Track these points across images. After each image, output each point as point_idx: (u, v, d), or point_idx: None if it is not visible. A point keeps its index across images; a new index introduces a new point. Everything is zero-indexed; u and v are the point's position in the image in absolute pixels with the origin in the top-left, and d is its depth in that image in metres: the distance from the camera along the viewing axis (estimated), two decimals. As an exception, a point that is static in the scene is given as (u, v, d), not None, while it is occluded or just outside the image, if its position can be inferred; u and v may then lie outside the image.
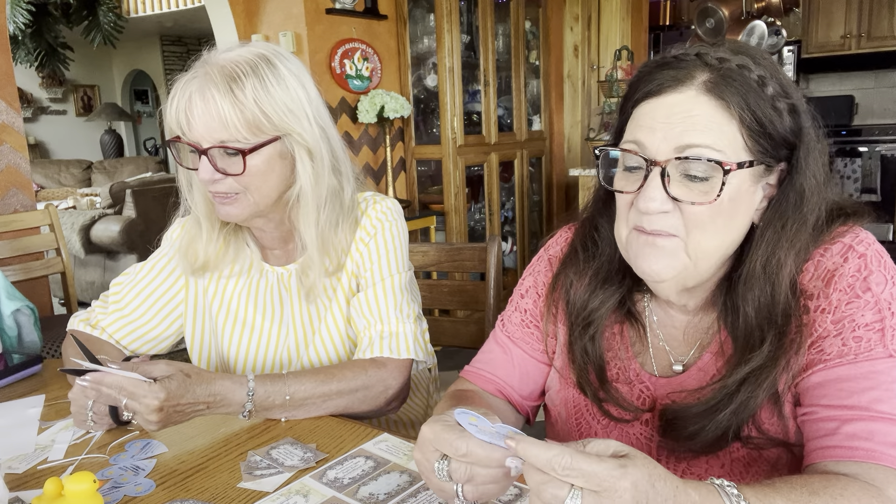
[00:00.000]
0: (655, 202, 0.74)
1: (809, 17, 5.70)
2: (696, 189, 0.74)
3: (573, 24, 4.66)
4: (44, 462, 0.95)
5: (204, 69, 1.04)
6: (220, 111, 1.00)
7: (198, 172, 1.06)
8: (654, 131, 0.75)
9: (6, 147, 2.56)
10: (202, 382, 0.96)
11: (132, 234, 4.21)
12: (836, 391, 0.73)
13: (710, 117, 0.73)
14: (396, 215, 1.20)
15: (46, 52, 6.86)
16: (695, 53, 0.77)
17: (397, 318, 1.15)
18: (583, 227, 0.93)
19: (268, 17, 3.42)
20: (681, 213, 0.75)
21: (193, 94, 1.02)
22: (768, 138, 0.75)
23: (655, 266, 0.77)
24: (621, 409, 0.86)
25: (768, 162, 0.76)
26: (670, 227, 0.75)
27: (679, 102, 0.74)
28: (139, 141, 9.71)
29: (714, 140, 0.73)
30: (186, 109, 1.03)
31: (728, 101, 0.73)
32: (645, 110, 0.77)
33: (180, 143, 1.07)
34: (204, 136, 1.02)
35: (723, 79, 0.74)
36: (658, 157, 0.74)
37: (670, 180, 0.74)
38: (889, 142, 5.43)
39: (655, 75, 0.77)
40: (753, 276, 0.77)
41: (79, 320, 1.25)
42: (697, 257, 0.77)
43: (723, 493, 0.61)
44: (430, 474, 0.67)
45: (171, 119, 1.05)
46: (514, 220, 4.38)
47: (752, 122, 0.73)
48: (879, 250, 0.77)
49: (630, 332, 0.90)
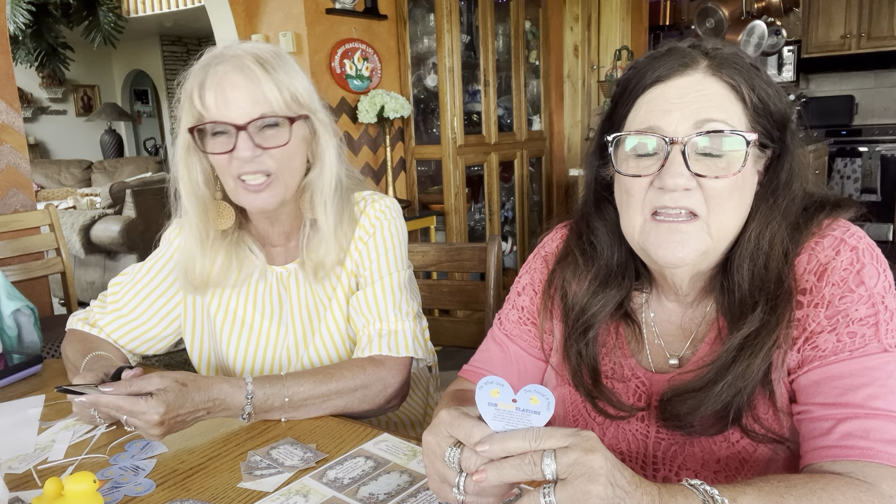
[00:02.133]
0: (682, 178, 0.75)
1: (809, 17, 5.70)
2: (714, 165, 0.75)
3: (573, 24, 4.66)
4: (44, 462, 0.95)
5: (231, 52, 1.05)
6: (261, 86, 1.04)
7: (234, 152, 1.04)
8: (670, 112, 0.76)
9: (6, 147, 2.56)
10: (199, 389, 0.96)
11: (132, 234, 4.21)
12: (831, 389, 0.73)
13: (721, 96, 0.76)
14: (395, 214, 1.20)
15: (46, 52, 6.85)
16: (688, 45, 0.79)
17: (396, 316, 1.15)
18: (578, 228, 0.93)
19: (268, 17, 3.42)
20: (702, 191, 0.76)
21: (230, 73, 1.03)
22: (769, 117, 0.77)
23: (680, 253, 0.77)
24: (615, 407, 0.87)
25: (766, 143, 0.79)
26: (693, 203, 0.76)
27: (689, 84, 0.76)
28: (139, 141, 9.71)
29: (728, 115, 0.75)
30: (224, 88, 1.03)
31: (735, 81, 0.76)
32: (654, 95, 0.78)
33: (206, 127, 1.05)
34: (245, 111, 1.04)
35: (724, 62, 0.77)
36: (677, 135, 0.75)
37: (688, 159, 0.75)
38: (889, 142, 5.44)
39: (658, 64, 0.78)
40: (748, 249, 0.78)
41: (77, 319, 1.25)
42: (718, 237, 0.78)
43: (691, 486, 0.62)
44: (435, 458, 0.66)
45: (201, 102, 1.05)
46: (514, 220, 4.38)
47: (757, 101, 0.76)
48: (870, 243, 0.78)
49: (626, 330, 0.91)
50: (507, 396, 0.62)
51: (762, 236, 0.78)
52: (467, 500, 0.65)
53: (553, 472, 0.57)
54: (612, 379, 0.89)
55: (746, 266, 0.78)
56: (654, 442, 0.85)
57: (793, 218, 0.79)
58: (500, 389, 0.63)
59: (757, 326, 0.76)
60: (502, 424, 0.62)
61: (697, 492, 0.62)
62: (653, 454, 0.85)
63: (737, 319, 0.78)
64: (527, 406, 0.62)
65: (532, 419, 0.61)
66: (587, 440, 0.58)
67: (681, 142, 0.75)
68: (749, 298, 0.78)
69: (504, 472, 0.59)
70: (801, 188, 0.80)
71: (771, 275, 0.77)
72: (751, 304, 0.77)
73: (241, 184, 1.08)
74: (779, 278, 0.77)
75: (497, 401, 0.63)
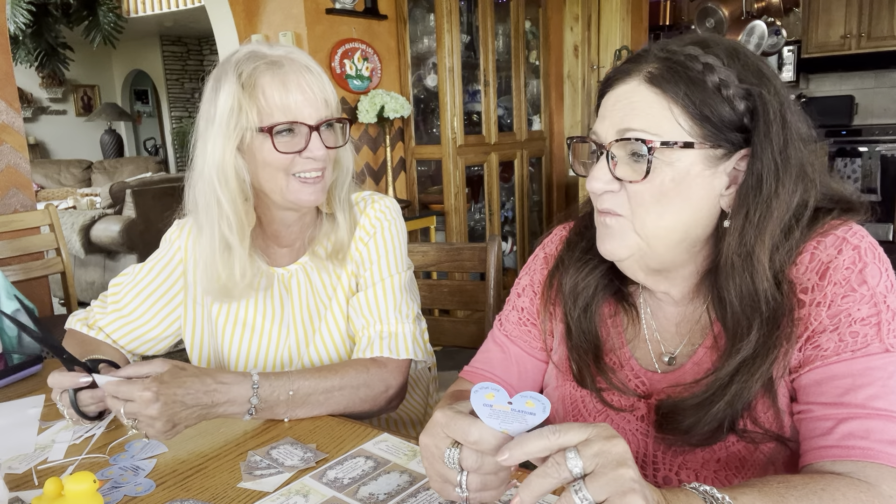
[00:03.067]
0: (599, 182, 0.79)
1: (809, 17, 5.70)
2: (638, 169, 0.77)
3: (573, 24, 4.66)
4: (44, 462, 0.95)
5: (287, 55, 1.08)
6: (325, 87, 1.10)
7: (306, 151, 1.07)
8: (604, 119, 0.81)
9: (6, 147, 2.56)
10: (200, 374, 0.95)
11: (132, 234, 4.21)
12: (833, 388, 0.73)
13: (648, 104, 0.77)
14: (395, 214, 1.21)
15: (46, 52, 6.86)
16: (657, 48, 0.81)
17: (397, 318, 1.15)
18: (578, 225, 0.95)
19: (268, 17, 3.42)
20: (626, 193, 0.79)
21: (300, 72, 1.07)
22: (708, 122, 0.76)
23: (608, 246, 0.82)
24: (619, 392, 0.87)
25: (719, 145, 0.76)
26: (616, 206, 0.80)
27: (624, 92, 0.79)
28: (139, 141, 9.71)
29: (649, 124, 0.76)
30: (293, 89, 1.06)
31: (663, 90, 0.77)
32: (602, 102, 0.83)
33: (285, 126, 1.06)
34: (314, 113, 1.08)
35: (665, 69, 0.77)
36: (605, 141, 0.80)
37: (617, 163, 0.79)
38: (889, 142, 5.44)
39: (615, 70, 0.83)
40: (729, 265, 0.78)
41: (76, 320, 1.25)
42: (648, 237, 0.79)
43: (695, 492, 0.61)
44: (434, 460, 0.67)
45: (275, 102, 1.05)
46: (514, 220, 4.38)
47: (691, 106, 0.76)
48: (872, 242, 0.77)
49: (623, 318, 0.92)
50: (503, 399, 0.63)
51: (740, 254, 0.76)
52: (471, 498, 0.65)
53: (581, 468, 0.56)
54: (613, 366, 0.90)
55: (733, 283, 0.77)
56: (654, 441, 0.85)
57: (773, 231, 0.76)
58: (496, 394, 0.63)
59: (754, 350, 0.75)
60: (498, 423, 0.62)
61: (698, 493, 0.62)
62: (653, 454, 0.85)
63: (732, 336, 0.78)
64: (522, 408, 0.62)
65: (528, 419, 0.61)
66: (605, 429, 0.58)
67: (606, 146, 0.79)
68: (744, 318, 0.77)
69: (534, 487, 0.57)
70: (792, 189, 0.77)
71: (760, 295, 0.76)
72: (746, 325, 0.77)
73: (295, 180, 1.09)
74: (770, 300, 0.76)
75: (492, 403, 0.63)
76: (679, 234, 0.79)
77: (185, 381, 0.93)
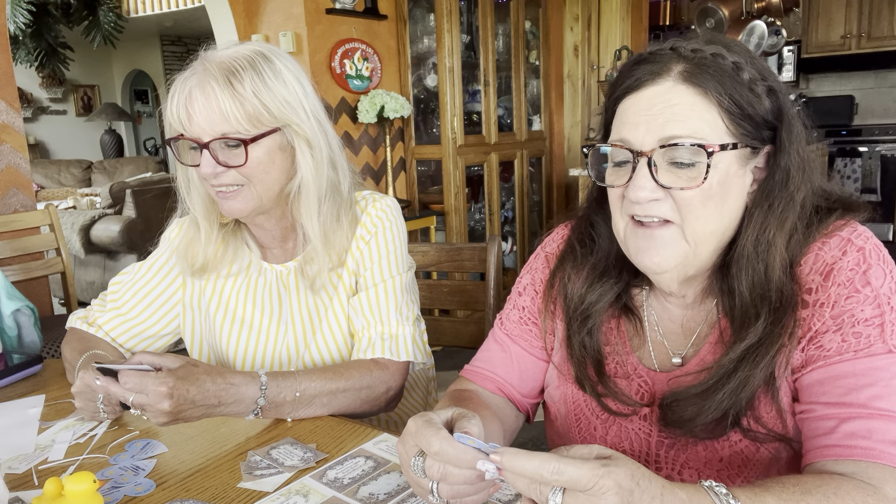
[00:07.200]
0: (644, 191, 0.76)
1: (809, 17, 5.70)
2: (683, 175, 0.75)
3: (573, 24, 4.66)
4: (44, 462, 0.95)
5: (202, 65, 1.05)
6: (220, 104, 1.02)
7: (199, 168, 1.06)
8: (638, 126, 0.77)
9: (6, 147, 2.56)
10: (212, 373, 0.96)
11: (132, 234, 4.21)
12: (835, 388, 0.73)
13: (690, 106, 0.75)
14: (396, 214, 1.20)
15: (46, 52, 6.85)
16: (670, 47, 0.79)
17: (398, 320, 1.15)
18: (579, 225, 0.94)
19: (268, 17, 3.42)
20: (672, 199, 0.76)
21: (193, 89, 1.03)
22: (749, 120, 0.76)
23: (656, 258, 0.78)
24: (620, 402, 0.87)
25: (753, 144, 0.77)
26: (664, 212, 0.77)
27: (658, 94, 0.76)
28: (139, 141, 9.71)
29: (696, 127, 0.74)
30: (187, 105, 1.03)
31: (705, 88, 0.75)
32: (626, 106, 0.79)
33: (181, 141, 1.07)
34: (205, 129, 1.03)
35: (698, 67, 0.76)
36: (643, 148, 0.76)
37: (658, 169, 0.76)
38: (889, 142, 5.44)
39: (633, 71, 0.79)
40: (745, 256, 0.78)
41: (77, 318, 1.26)
42: (696, 242, 0.78)
43: (711, 493, 0.61)
44: (407, 467, 0.69)
45: (172, 116, 1.06)
46: (514, 220, 4.38)
47: (732, 105, 0.75)
48: (877, 244, 0.77)
49: (627, 326, 0.91)
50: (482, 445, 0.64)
51: (759, 244, 0.77)
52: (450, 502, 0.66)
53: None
54: (616, 376, 0.89)
55: (745, 274, 0.78)
56: (656, 441, 0.85)
57: (793, 221, 0.77)
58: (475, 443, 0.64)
59: (759, 338, 0.76)
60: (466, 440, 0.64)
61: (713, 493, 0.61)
62: (655, 453, 0.85)
63: (739, 326, 0.78)
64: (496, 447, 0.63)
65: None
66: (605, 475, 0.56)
67: (647, 153, 0.76)
68: (751, 308, 0.77)
69: (517, 484, 0.59)
70: (807, 187, 0.79)
71: (772, 284, 0.76)
72: (753, 313, 0.77)
73: (213, 191, 1.10)
74: (781, 288, 0.76)
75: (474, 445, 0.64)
76: (718, 236, 0.79)
77: (198, 379, 0.93)
